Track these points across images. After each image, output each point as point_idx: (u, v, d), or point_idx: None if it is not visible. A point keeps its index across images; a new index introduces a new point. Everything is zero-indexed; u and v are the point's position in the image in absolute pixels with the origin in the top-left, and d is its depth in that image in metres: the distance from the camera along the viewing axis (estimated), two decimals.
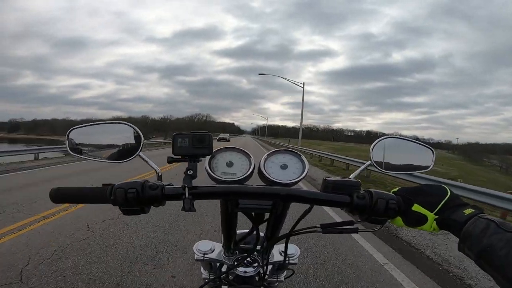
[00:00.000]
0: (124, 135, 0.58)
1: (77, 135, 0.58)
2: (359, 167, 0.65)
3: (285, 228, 0.67)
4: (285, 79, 20.80)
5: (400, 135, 0.64)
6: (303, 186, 5.91)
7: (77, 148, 0.59)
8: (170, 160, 0.56)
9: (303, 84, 21.88)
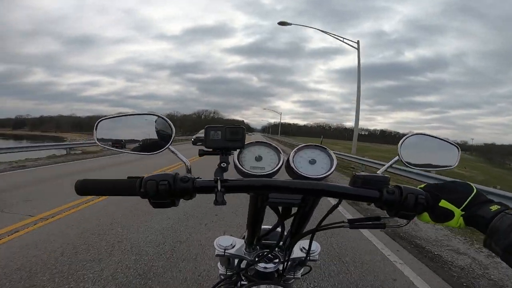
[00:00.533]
0: (154, 127, 0.57)
1: (106, 127, 0.58)
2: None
3: (308, 225, 0.67)
4: (332, 35, 14.79)
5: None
6: None
7: (105, 140, 0.58)
8: (202, 153, 0.55)
9: (358, 42, 15.71)
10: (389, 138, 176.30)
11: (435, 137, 0.64)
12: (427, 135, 0.64)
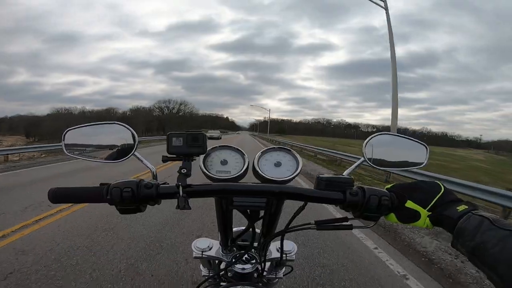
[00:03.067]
0: (119, 136, 0.58)
1: (73, 136, 0.59)
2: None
3: (281, 225, 0.67)
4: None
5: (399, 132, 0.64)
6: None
7: (72, 149, 0.60)
8: (165, 159, 0.57)
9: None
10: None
11: (403, 137, 0.64)
12: (393, 134, 0.64)
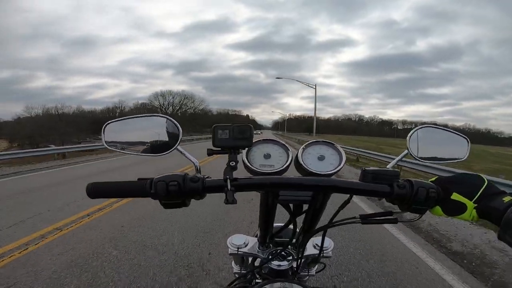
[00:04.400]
0: (162, 129, 0.57)
1: (114, 130, 0.58)
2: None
3: (321, 222, 0.66)
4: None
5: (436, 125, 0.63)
6: None
7: (113, 142, 0.58)
8: (210, 152, 0.55)
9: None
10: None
11: (445, 129, 0.63)
12: (436, 127, 0.63)
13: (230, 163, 0.53)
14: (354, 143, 26.34)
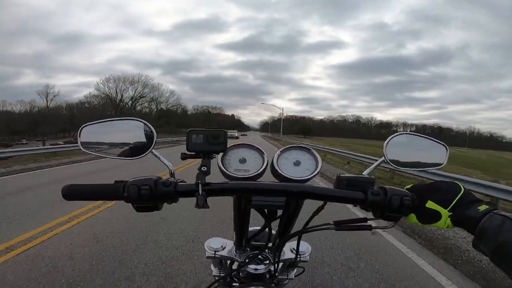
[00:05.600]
0: (137, 132, 0.57)
1: (89, 132, 0.58)
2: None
3: (297, 226, 0.66)
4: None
5: (413, 132, 0.62)
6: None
7: (88, 145, 0.59)
8: (184, 157, 0.55)
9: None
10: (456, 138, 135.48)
11: (422, 136, 0.63)
12: (413, 134, 0.63)
13: (202, 168, 0.53)
14: (363, 150, 23.40)
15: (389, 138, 0.61)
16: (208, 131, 0.54)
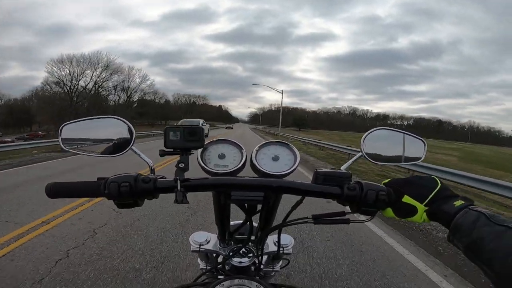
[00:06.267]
0: (116, 130, 0.58)
1: (70, 131, 0.59)
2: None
3: (279, 218, 0.68)
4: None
5: (393, 126, 0.63)
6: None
7: (69, 144, 0.59)
8: (162, 153, 0.56)
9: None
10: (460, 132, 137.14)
11: (400, 131, 0.64)
12: (391, 129, 0.64)
13: (180, 165, 0.54)
14: None
15: (366, 133, 0.62)
16: (184, 127, 0.55)
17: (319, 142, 18.60)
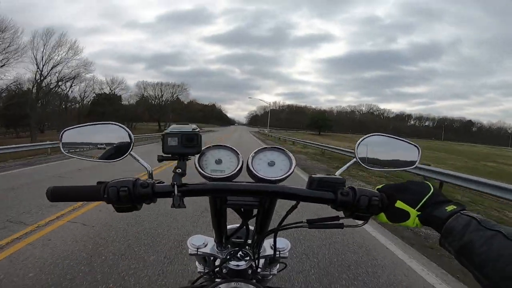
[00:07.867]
0: (115, 135, 0.59)
1: (70, 136, 0.60)
2: None
3: (275, 222, 0.69)
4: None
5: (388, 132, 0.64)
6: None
7: (70, 148, 0.61)
8: (160, 159, 0.58)
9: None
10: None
11: (394, 137, 0.65)
12: (385, 135, 0.65)
13: (177, 170, 0.55)
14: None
15: (360, 139, 0.63)
16: (182, 133, 0.57)
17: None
